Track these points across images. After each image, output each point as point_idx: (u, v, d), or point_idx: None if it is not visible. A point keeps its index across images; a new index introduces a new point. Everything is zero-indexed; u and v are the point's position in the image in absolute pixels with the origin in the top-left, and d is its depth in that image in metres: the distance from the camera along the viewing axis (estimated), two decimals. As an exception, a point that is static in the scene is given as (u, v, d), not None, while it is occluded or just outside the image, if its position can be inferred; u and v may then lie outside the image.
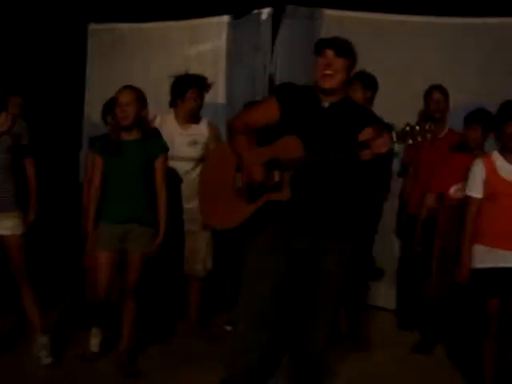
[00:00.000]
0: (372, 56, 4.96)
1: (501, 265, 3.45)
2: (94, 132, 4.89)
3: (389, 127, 2.83)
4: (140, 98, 3.83)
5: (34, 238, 4.02)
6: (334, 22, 5.25)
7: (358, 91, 4.20)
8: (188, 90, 4.32)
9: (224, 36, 5.39)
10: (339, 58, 2.94)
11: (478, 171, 3.55)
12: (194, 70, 4.57)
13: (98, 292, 3.92)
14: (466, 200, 3.61)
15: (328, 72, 2.93)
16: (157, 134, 3.95)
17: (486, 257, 3.50)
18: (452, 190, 4.07)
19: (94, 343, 4.02)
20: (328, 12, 5.28)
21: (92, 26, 5.71)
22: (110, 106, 4.42)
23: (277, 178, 2.92)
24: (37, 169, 4.01)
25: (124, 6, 5.45)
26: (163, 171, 3.89)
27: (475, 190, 3.56)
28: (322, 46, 2.97)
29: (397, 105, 4.71)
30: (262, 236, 3.06)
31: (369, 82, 4.35)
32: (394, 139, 2.75)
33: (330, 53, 2.94)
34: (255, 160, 2.94)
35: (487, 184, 3.51)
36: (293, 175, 2.92)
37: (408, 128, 2.74)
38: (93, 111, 5.30)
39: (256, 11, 5.29)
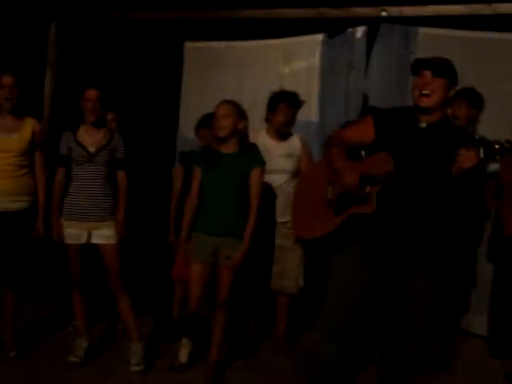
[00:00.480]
0: (467, 74, 4.88)
1: None
2: (187, 147, 5.01)
3: (483, 143, 2.76)
4: (238, 112, 3.88)
5: (126, 248, 4.14)
6: (429, 40, 5.19)
7: (463, 108, 4.18)
8: (279, 103, 4.37)
9: (318, 54, 5.39)
10: (436, 77, 2.92)
11: None
12: (288, 87, 4.61)
13: (190, 304, 3.96)
14: None
15: (425, 92, 2.93)
16: (254, 147, 3.98)
17: None
18: None
19: (184, 354, 4.06)
20: (423, 30, 5.22)
21: (188, 44, 5.85)
22: (203, 121, 4.52)
23: (367, 190, 2.96)
24: (131, 182, 4.14)
25: (219, 24, 5.56)
26: (258, 183, 3.89)
27: None
28: (419, 66, 2.97)
29: (498, 122, 4.58)
30: (348, 251, 3.09)
31: (475, 101, 4.26)
32: (482, 155, 2.69)
33: (427, 73, 2.93)
34: (349, 168, 3.00)
35: None
36: (380, 189, 2.94)
37: (497, 145, 2.67)
38: (187, 127, 5.43)
39: (350, 30, 5.29)
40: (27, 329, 4.58)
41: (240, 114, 3.89)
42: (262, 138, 4.36)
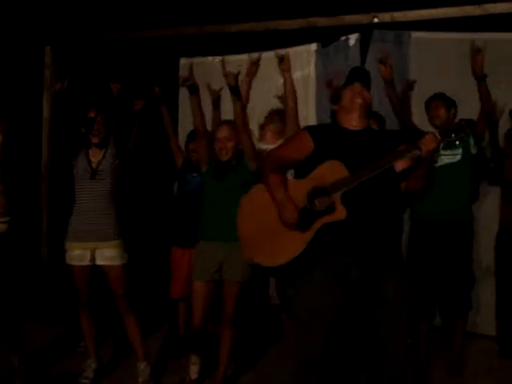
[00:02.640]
0: (461, 77, 4.90)
1: None
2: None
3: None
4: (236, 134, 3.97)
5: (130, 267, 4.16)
6: (423, 44, 5.23)
7: (441, 109, 4.41)
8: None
9: (312, 64, 5.43)
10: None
11: None
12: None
13: (194, 322, 3.97)
14: None
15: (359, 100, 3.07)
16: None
17: None
18: None
19: (194, 371, 4.05)
20: (416, 34, 5.24)
21: (183, 61, 5.87)
22: (192, 136, 4.57)
23: (327, 202, 2.87)
24: (134, 200, 4.17)
25: (214, 39, 5.58)
26: None
27: None
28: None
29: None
30: (315, 270, 2.92)
31: (450, 102, 4.47)
32: (439, 137, 2.91)
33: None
34: (287, 201, 2.90)
35: None
36: (343, 194, 2.87)
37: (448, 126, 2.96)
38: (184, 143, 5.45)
39: (343, 38, 5.32)
40: (37, 352, 4.60)
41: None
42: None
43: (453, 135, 2.91)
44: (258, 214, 3.04)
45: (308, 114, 5.27)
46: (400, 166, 2.98)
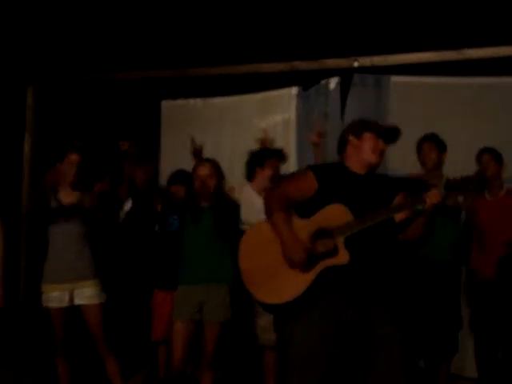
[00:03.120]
0: (440, 121, 4.97)
1: None
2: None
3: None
4: (219, 171, 4.02)
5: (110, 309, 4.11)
6: (402, 88, 5.31)
7: (433, 152, 4.41)
8: (267, 159, 4.43)
9: (293, 107, 5.49)
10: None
11: None
12: (265, 142, 4.68)
13: (173, 363, 3.93)
14: None
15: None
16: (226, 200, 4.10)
17: None
18: None
19: (173, 414, 4.01)
20: (395, 79, 5.32)
21: (165, 103, 5.91)
22: (174, 178, 4.57)
23: (329, 245, 2.88)
24: (115, 242, 4.15)
25: (195, 82, 5.63)
26: None
27: None
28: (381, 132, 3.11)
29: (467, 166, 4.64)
30: (313, 312, 2.91)
31: (443, 146, 4.47)
32: (444, 191, 2.91)
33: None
34: (295, 240, 2.89)
35: None
36: (347, 238, 2.89)
37: (453, 181, 2.91)
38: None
39: (324, 81, 5.39)
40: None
41: (221, 173, 4.03)
42: (246, 193, 4.38)
43: (456, 192, 2.95)
44: (258, 251, 3.03)
45: (289, 157, 5.26)
46: (400, 216, 3.03)
